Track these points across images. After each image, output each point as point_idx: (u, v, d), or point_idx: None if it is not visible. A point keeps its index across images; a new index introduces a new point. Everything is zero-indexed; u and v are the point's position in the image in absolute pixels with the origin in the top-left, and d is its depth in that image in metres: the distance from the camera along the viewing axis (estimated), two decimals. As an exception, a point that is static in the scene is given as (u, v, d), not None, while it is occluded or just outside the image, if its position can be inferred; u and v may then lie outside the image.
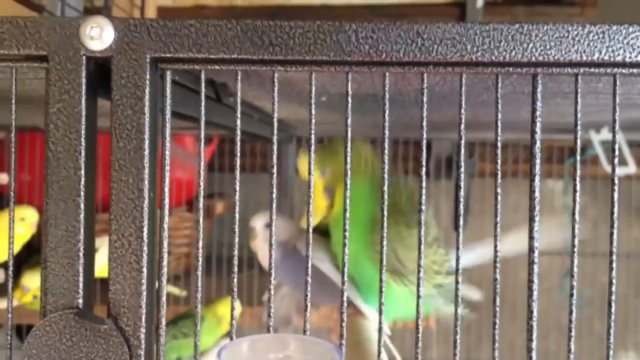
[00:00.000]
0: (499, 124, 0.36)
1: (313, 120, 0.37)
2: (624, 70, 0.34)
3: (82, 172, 0.35)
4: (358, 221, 0.67)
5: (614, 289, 0.35)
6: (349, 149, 0.38)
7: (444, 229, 1.59)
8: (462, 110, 0.36)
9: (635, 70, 0.34)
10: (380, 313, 0.37)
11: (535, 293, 0.35)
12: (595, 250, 1.49)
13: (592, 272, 1.48)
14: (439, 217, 1.63)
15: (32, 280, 1.13)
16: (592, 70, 0.34)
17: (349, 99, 0.37)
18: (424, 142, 0.37)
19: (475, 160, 1.59)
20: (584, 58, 0.34)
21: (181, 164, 1.40)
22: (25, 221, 1.13)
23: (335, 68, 0.36)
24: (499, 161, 0.36)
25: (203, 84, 0.37)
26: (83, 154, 0.35)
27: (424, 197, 0.37)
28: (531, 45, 0.34)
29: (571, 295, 0.35)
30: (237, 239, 0.38)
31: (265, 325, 0.38)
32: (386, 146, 0.36)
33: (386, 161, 0.37)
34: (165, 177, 0.37)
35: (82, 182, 0.35)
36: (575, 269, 0.36)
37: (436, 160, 1.65)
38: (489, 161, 1.61)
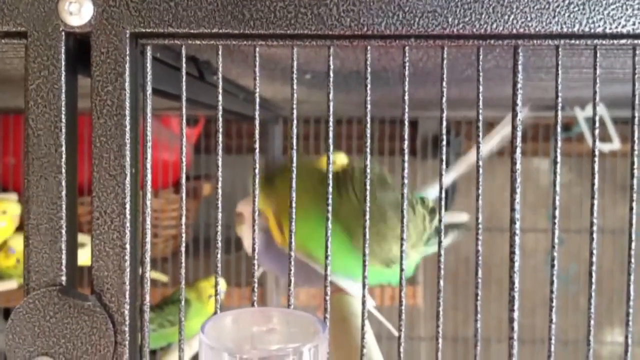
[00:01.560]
0: (481, 97, 0.36)
1: (295, 95, 0.37)
2: (604, 42, 0.34)
3: (63, 149, 0.35)
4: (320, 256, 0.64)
5: (594, 259, 0.35)
6: (330, 125, 0.38)
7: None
8: (444, 84, 0.36)
9: (615, 42, 0.34)
10: (364, 286, 0.37)
11: (516, 265, 0.36)
12: (580, 226, 1.51)
13: (577, 249, 1.49)
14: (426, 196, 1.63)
15: (19, 242, 1.12)
16: (573, 41, 0.34)
17: (331, 73, 0.37)
18: (406, 116, 0.37)
19: (462, 139, 1.60)
20: (565, 30, 0.34)
21: (167, 145, 1.40)
22: (7, 214, 1.12)
23: (317, 42, 0.36)
24: (480, 134, 0.36)
25: (184, 59, 0.37)
26: (63, 130, 0.35)
27: (406, 175, 0.38)
28: (512, 17, 0.34)
29: (552, 266, 0.35)
30: (219, 218, 0.38)
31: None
32: (368, 120, 0.36)
33: (368, 134, 0.37)
34: (147, 154, 0.37)
35: (63, 159, 0.35)
36: (557, 240, 0.36)
37: (422, 139, 1.65)
38: (476, 139, 1.61)
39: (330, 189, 0.38)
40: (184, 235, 0.38)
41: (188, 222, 1.50)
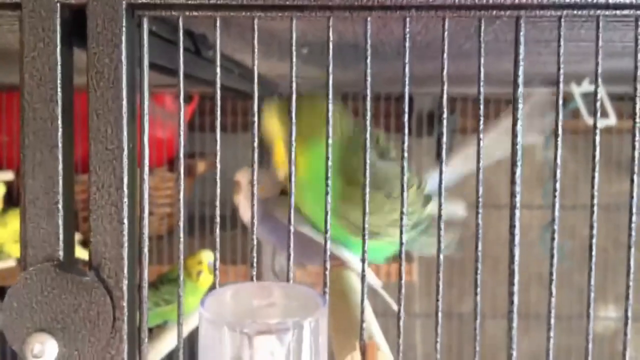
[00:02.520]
0: (482, 70, 0.36)
1: (294, 68, 0.37)
2: (607, 12, 0.34)
3: (59, 122, 0.35)
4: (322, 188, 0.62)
5: (594, 241, 0.35)
6: (330, 101, 0.38)
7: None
8: (445, 56, 0.36)
9: (618, 12, 0.34)
10: (363, 262, 0.37)
11: (516, 239, 0.36)
12: (575, 203, 1.51)
13: (572, 225, 1.49)
14: (421, 174, 1.63)
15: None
16: (576, 12, 0.34)
17: (330, 46, 0.36)
18: (407, 90, 0.36)
19: (457, 116, 1.59)
20: (567, 0, 0.33)
21: (161, 123, 1.39)
22: None
23: (317, 13, 0.35)
24: (481, 107, 0.36)
25: (181, 31, 0.36)
26: (59, 103, 0.35)
27: (405, 152, 0.37)
28: (514, -13, 0.34)
29: (552, 248, 0.35)
30: (218, 198, 0.38)
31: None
32: (368, 93, 0.36)
33: (368, 109, 0.37)
34: (144, 128, 0.37)
35: (59, 133, 0.35)
36: (557, 220, 0.36)
37: (418, 117, 1.65)
38: (470, 117, 1.61)
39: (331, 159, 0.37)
40: (182, 217, 0.38)
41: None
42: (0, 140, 1.31)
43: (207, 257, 1.12)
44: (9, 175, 1.20)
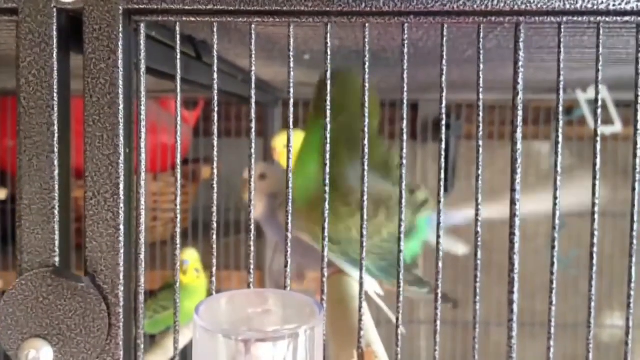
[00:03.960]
0: (481, 76, 0.35)
1: (292, 74, 0.36)
2: (607, 19, 0.34)
3: (56, 127, 0.35)
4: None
5: (595, 241, 0.35)
6: (328, 113, 0.37)
7: (430, 191, 1.59)
8: (444, 63, 0.35)
9: (618, 19, 0.34)
10: (361, 268, 0.37)
11: (516, 246, 0.35)
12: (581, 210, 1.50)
13: (578, 233, 1.48)
14: (427, 180, 1.63)
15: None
16: (576, 18, 0.34)
17: (328, 52, 0.36)
18: (405, 95, 0.36)
19: (463, 122, 1.59)
20: (567, 6, 0.33)
21: (166, 128, 1.39)
22: None
23: (314, 19, 0.35)
24: (480, 113, 0.35)
25: (178, 36, 0.36)
26: (56, 108, 0.35)
27: (404, 159, 0.37)
28: (513, -7, 0.33)
29: (553, 247, 0.35)
30: (215, 202, 0.38)
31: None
32: (366, 100, 0.36)
33: (366, 115, 0.36)
34: (141, 134, 0.36)
35: (56, 138, 0.35)
36: (557, 225, 0.35)
37: (423, 122, 1.64)
38: (476, 123, 1.60)
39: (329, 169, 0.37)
40: (179, 218, 0.38)
41: (187, 206, 1.49)
42: (5, 145, 1.31)
43: (188, 255, 1.12)
44: None
